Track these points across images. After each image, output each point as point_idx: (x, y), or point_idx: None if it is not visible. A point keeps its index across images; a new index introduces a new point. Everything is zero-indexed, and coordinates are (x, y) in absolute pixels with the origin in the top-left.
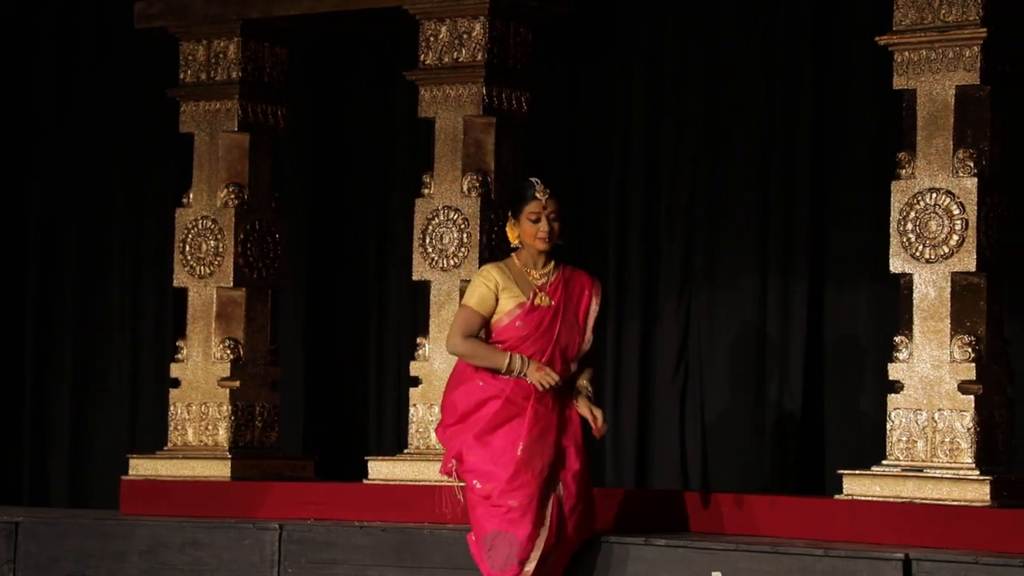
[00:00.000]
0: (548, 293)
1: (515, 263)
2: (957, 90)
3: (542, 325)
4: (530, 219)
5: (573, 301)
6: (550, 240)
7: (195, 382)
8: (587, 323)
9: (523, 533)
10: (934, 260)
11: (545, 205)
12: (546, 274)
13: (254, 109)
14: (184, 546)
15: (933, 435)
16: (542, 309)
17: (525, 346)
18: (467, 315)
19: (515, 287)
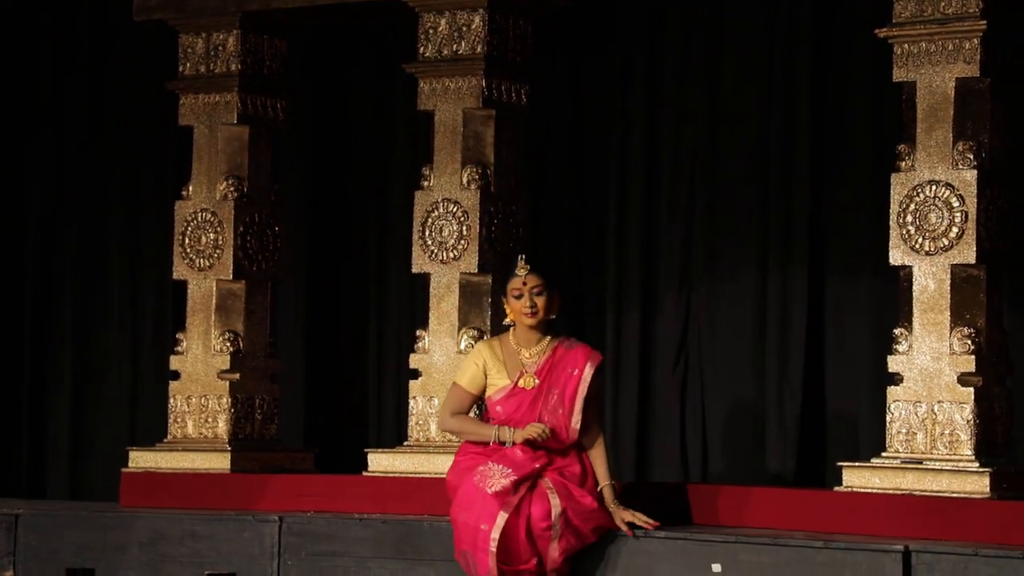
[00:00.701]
0: (535, 374)
1: (509, 341)
2: (957, 82)
3: (521, 407)
4: (514, 295)
5: (560, 382)
6: (534, 315)
7: (195, 375)
8: (575, 405)
9: (482, 553)
10: (934, 252)
11: (525, 281)
12: (538, 352)
13: (253, 102)
14: (184, 538)
15: (933, 427)
16: (523, 392)
17: (510, 426)
18: (456, 393)
19: (503, 368)
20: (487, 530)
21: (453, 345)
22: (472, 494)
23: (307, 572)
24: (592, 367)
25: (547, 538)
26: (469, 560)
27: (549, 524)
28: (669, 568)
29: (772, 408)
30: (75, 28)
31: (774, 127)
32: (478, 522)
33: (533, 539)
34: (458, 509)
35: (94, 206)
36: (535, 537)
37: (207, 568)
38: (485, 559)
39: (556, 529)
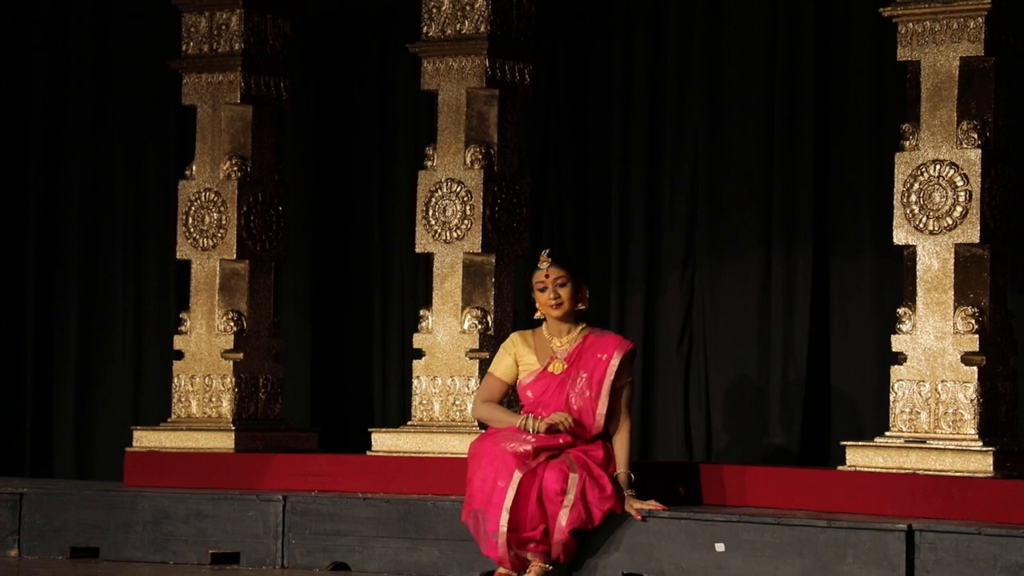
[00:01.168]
0: (564, 360)
1: (543, 332)
2: (961, 61)
3: (549, 389)
4: (538, 288)
5: (588, 366)
6: (559, 307)
7: (199, 354)
8: (602, 389)
9: (494, 511)
10: (937, 232)
11: (548, 273)
12: (569, 341)
13: (256, 81)
14: (188, 517)
15: (936, 406)
16: (552, 375)
17: (538, 411)
18: (489, 382)
19: (534, 356)
20: (503, 487)
21: (456, 325)
22: (492, 452)
23: (311, 551)
24: (621, 354)
25: (558, 503)
26: (480, 519)
27: (563, 488)
28: (673, 547)
29: (776, 387)
30: (77, 7)
31: (778, 106)
32: (495, 479)
33: (543, 505)
34: (475, 467)
35: (97, 186)
36: (545, 501)
37: (211, 547)
38: (497, 516)
39: (570, 496)
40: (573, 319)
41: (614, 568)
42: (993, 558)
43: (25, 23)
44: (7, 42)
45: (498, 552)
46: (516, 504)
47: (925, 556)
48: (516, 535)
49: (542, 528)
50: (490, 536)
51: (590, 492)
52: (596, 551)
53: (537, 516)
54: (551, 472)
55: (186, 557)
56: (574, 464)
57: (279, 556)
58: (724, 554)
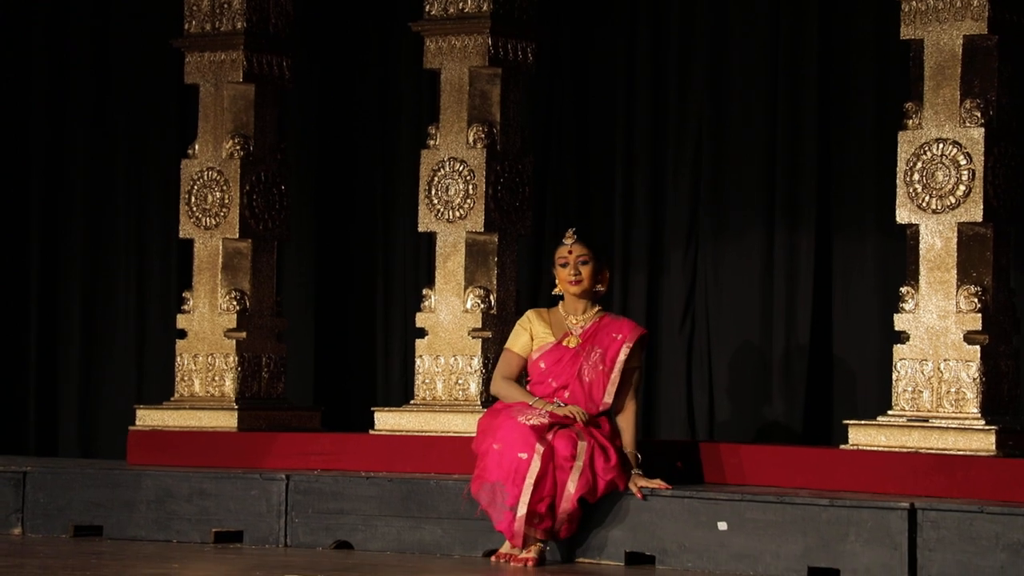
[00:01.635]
0: (579, 336)
1: (559, 310)
2: (965, 40)
3: (562, 361)
4: (560, 264)
5: (603, 343)
6: (578, 284)
7: (201, 333)
8: (615, 365)
9: (515, 484)
10: (940, 211)
11: (571, 250)
12: (585, 319)
13: (259, 60)
14: (191, 496)
15: (939, 385)
16: (566, 349)
17: (548, 382)
18: (507, 358)
19: (549, 331)
20: (527, 459)
21: (459, 304)
22: (509, 425)
23: (314, 530)
24: (636, 336)
25: (568, 470)
26: (497, 492)
27: (573, 454)
28: (675, 526)
29: (778, 366)
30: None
31: (781, 85)
32: (516, 451)
33: (554, 473)
34: (490, 440)
35: (99, 166)
36: (556, 468)
37: (214, 526)
38: (518, 490)
39: (579, 462)
40: (590, 299)
41: (617, 546)
42: (995, 536)
43: (31, 3)
44: (8, 19)
45: (514, 526)
46: (537, 479)
47: (927, 534)
48: (530, 508)
49: (548, 502)
50: (508, 509)
51: (597, 460)
52: (599, 529)
53: (548, 486)
54: (561, 440)
55: (189, 536)
56: (582, 433)
57: (282, 535)
58: (726, 532)
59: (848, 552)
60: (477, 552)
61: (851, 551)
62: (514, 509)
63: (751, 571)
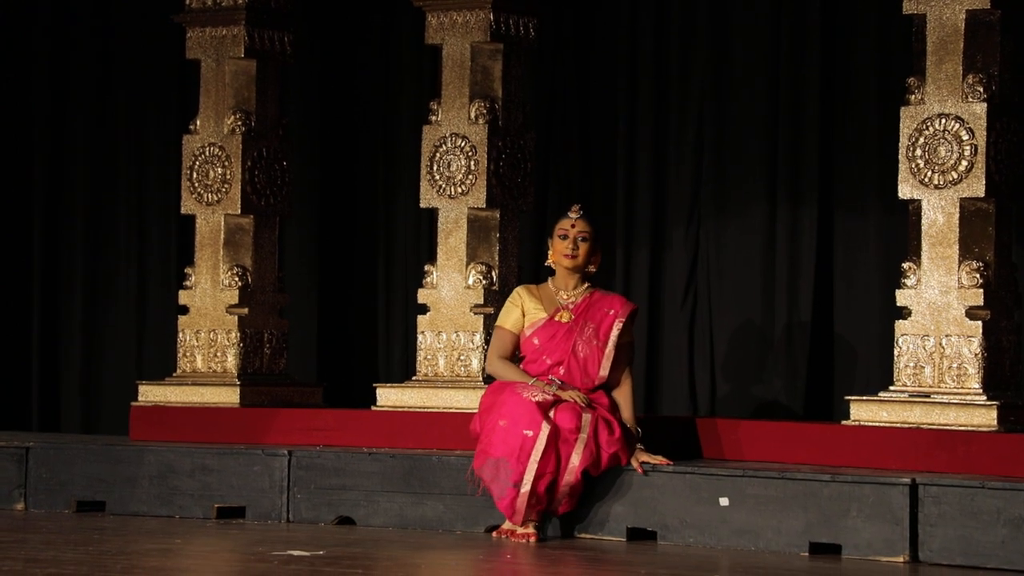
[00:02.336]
0: (571, 311)
1: (548, 286)
2: (967, 14)
3: (556, 337)
4: (559, 235)
5: (596, 318)
6: (574, 257)
7: (203, 309)
8: (609, 339)
9: (520, 461)
10: (943, 186)
11: (574, 224)
12: (575, 295)
13: (260, 35)
14: (194, 472)
15: (940, 361)
16: (559, 324)
17: (542, 359)
18: (500, 336)
19: (540, 305)
20: (532, 436)
21: (461, 280)
22: (514, 401)
23: (316, 505)
24: (627, 311)
25: (572, 443)
26: (501, 468)
27: (578, 426)
28: (677, 502)
29: (780, 342)
30: None
31: (783, 61)
32: (521, 428)
33: (557, 448)
34: (496, 416)
35: (100, 142)
36: (560, 443)
37: (217, 501)
38: (521, 467)
39: (583, 435)
40: (581, 277)
41: (618, 522)
42: (996, 511)
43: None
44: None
45: (516, 503)
46: (543, 457)
47: (929, 510)
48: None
49: (549, 479)
50: (512, 486)
51: (601, 432)
52: (600, 505)
53: (551, 461)
54: (564, 413)
55: (191, 511)
56: (586, 408)
57: (284, 510)
58: (728, 508)
59: (850, 527)
60: (479, 528)
61: (852, 526)
62: (518, 486)
63: (752, 546)
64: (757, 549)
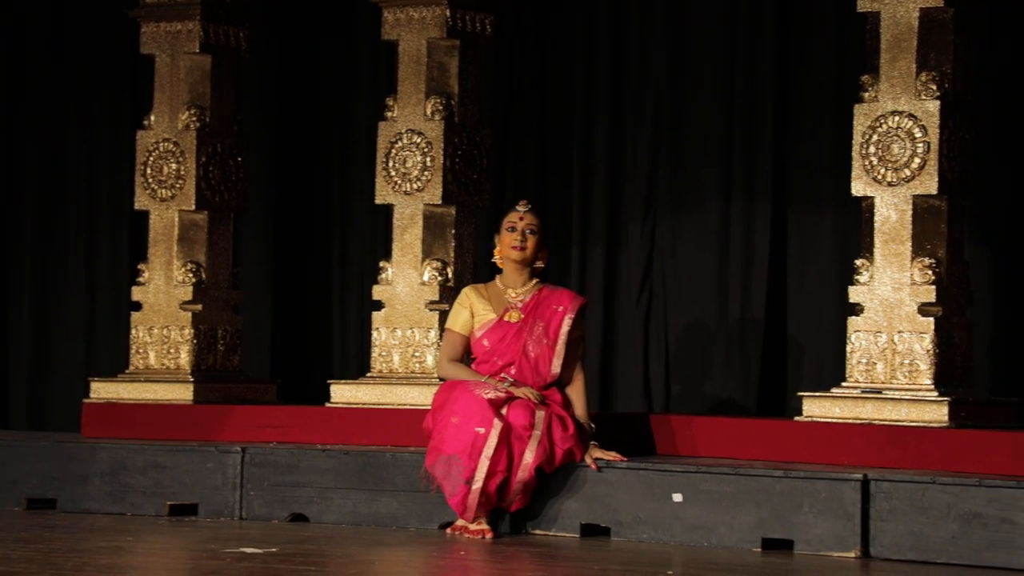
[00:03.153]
0: (520, 310)
1: (496, 284)
2: (921, 12)
3: (506, 338)
4: (507, 228)
5: (545, 317)
6: (523, 249)
7: (157, 305)
8: (559, 337)
9: (472, 458)
10: (896, 183)
11: (523, 217)
12: (524, 292)
13: (216, 31)
14: (146, 469)
15: (893, 357)
16: (508, 324)
17: (493, 360)
18: (450, 339)
19: (489, 305)
20: (484, 433)
21: (416, 276)
22: (466, 398)
23: (269, 502)
24: (576, 307)
25: (525, 440)
26: (453, 464)
27: (532, 423)
28: (630, 498)
29: (734, 339)
30: None
31: (739, 58)
32: (473, 425)
33: (510, 446)
34: (448, 413)
35: (52, 137)
36: (514, 439)
37: (169, 499)
38: (474, 464)
39: (537, 432)
40: (529, 273)
41: (572, 518)
42: (947, 507)
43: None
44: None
45: (468, 499)
46: (495, 453)
47: (880, 505)
48: (484, 484)
49: (501, 478)
50: (464, 483)
51: (555, 429)
52: (553, 501)
53: (504, 459)
54: (517, 410)
55: (144, 509)
56: (539, 404)
57: (237, 507)
58: (681, 504)
59: (802, 523)
60: (433, 524)
61: (805, 522)
62: (469, 483)
63: (705, 542)
64: (710, 545)
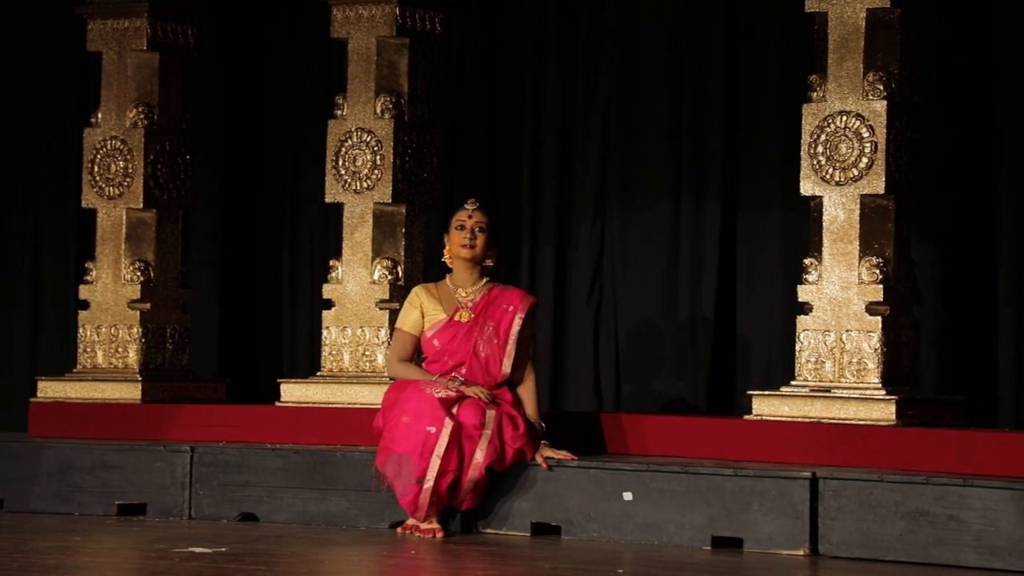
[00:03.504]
0: (471, 310)
1: (447, 284)
2: (868, 13)
3: (457, 338)
4: (456, 227)
5: (496, 316)
6: (472, 247)
7: (105, 304)
8: (509, 337)
9: (423, 457)
10: (844, 183)
11: (471, 215)
12: (474, 292)
13: (164, 28)
14: (95, 468)
15: (841, 356)
16: (459, 324)
17: (444, 360)
18: (400, 338)
19: (439, 305)
20: (435, 432)
21: (366, 275)
22: (417, 398)
23: (219, 502)
24: (527, 306)
25: (476, 439)
26: (403, 464)
27: (482, 422)
28: (581, 497)
29: (684, 338)
30: None
31: (687, 58)
32: (424, 424)
33: (461, 445)
34: (399, 412)
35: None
36: (464, 439)
37: (117, 498)
38: (425, 463)
39: (488, 431)
40: (479, 272)
41: (523, 517)
42: (894, 504)
43: None
44: None
45: (418, 499)
46: (446, 452)
47: (828, 503)
48: (435, 483)
49: (452, 477)
50: (415, 482)
51: (506, 428)
52: (504, 500)
53: (454, 458)
54: (468, 409)
55: (92, 508)
56: (490, 404)
57: (186, 507)
58: (632, 503)
59: (751, 521)
60: (383, 524)
61: (754, 520)
62: (420, 482)
63: (656, 540)
64: (660, 543)
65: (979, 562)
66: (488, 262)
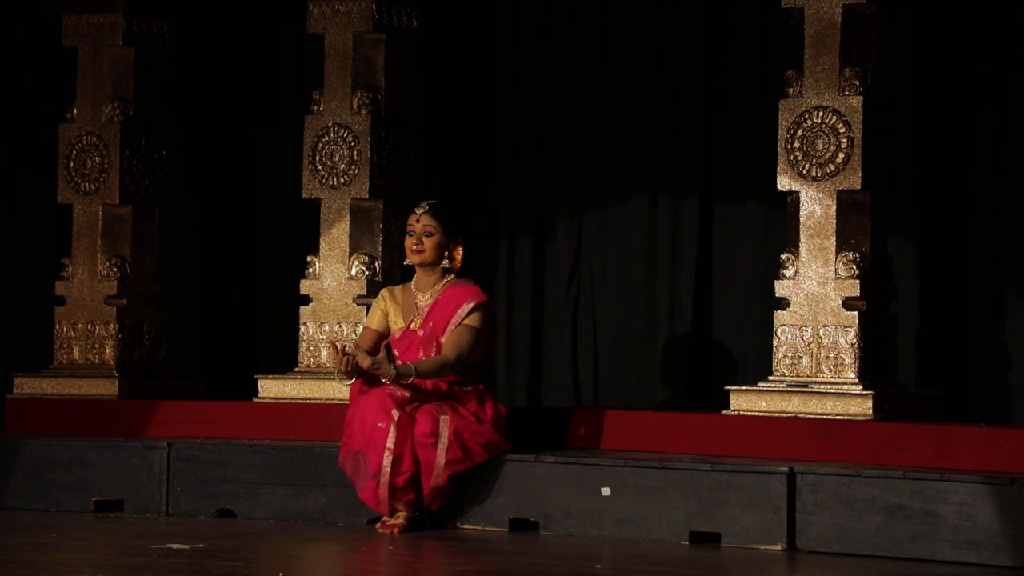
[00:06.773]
0: (424, 317)
1: (411, 287)
2: (844, 8)
3: (410, 348)
4: (407, 231)
5: (442, 316)
6: (420, 252)
7: (81, 300)
8: (447, 329)
9: (376, 452)
10: (820, 178)
11: (419, 219)
12: (432, 295)
13: (139, 23)
14: (71, 465)
15: (818, 351)
16: (412, 334)
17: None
18: (363, 333)
19: (400, 312)
20: (384, 427)
21: (344, 271)
22: (372, 394)
23: (196, 498)
24: (472, 303)
25: (428, 447)
26: (360, 460)
27: (434, 430)
28: (558, 492)
29: (662, 333)
30: None
31: (665, 53)
32: (375, 420)
33: (415, 450)
34: (355, 408)
35: None
36: (417, 447)
37: (94, 495)
38: (379, 457)
39: (443, 439)
40: (439, 274)
41: (500, 513)
42: (871, 499)
43: None
44: None
45: (377, 494)
46: (395, 446)
47: (806, 498)
48: (390, 481)
49: (407, 476)
50: (371, 477)
51: (465, 431)
52: (482, 496)
53: (410, 461)
54: (421, 416)
55: (69, 505)
56: (444, 407)
57: (163, 503)
58: (610, 498)
59: (729, 516)
60: (361, 520)
61: (732, 515)
62: (376, 476)
63: (634, 536)
64: (638, 538)
65: (956, 556)
66: (446, 263)
